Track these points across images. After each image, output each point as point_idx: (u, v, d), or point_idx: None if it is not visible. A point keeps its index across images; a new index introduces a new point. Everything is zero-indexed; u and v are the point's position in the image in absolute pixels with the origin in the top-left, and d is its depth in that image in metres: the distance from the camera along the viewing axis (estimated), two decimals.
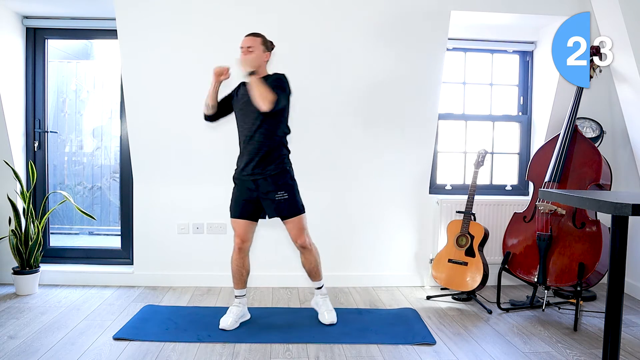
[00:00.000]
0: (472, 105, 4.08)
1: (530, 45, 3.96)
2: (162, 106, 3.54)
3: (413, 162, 3.75)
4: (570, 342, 2.74)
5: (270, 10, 3.41)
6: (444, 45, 3.54)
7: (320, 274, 2.98)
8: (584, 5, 3.43)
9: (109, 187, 5.09)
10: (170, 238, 3.70)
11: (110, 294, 3.48)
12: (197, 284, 3.70)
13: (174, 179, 3.66)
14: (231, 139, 3.60)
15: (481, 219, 3.71)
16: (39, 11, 3.64)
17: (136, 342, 2.63)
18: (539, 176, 3.36)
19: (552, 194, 1.99)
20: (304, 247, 2.88)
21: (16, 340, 2.62)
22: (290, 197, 2.80)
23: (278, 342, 2.66)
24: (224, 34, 3.43)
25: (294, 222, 2.83)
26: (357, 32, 3.48)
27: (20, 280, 3.42)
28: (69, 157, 5.06)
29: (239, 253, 2.88)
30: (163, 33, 3.42)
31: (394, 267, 3.82)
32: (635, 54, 3.20)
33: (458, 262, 3.40)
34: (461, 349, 2.62)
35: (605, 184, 3.20)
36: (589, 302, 3.46)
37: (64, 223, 5.10)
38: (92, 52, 5.27)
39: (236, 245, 2.88)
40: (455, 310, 3.26)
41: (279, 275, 3.72)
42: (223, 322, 2.83)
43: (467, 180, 4.02)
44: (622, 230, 1.70)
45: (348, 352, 2.56)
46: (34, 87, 3.78)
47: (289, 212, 2.81)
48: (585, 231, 3.08)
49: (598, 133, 3.64)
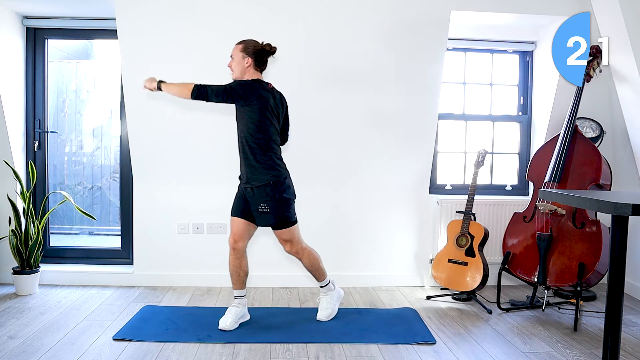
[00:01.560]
0: (472, 105, 4.08)
1: (530, 45, 3.96)
2: (162, 106, 3.54)
3: (413, 162, 3.75)
4: (570, 342, 2.74)
5: (270, 8, 3.41)
6: (444, 45, 3.54)
7: (322, 273, 3.00)
8: (584, 5, 3.43)
9: (109, 187, 5.08)
10: (170, 238, 3.70)
11: (110, 294, 3.48)
12: (197, 284, 3.70)
13: (174, 179, 3.66)
14: (231, 139, 3.60)
15: (481, 219, 3.71)
16: (39, 11, 3.64)
17: (136, 342, 2.63)
18: (539, 176, 3.36)
19: (552, 194, 1.99)
20: (296, 254, 2.92)
21: (16, 340, 2.62)
22: (272, 210, 2.76)
23: (278, 342, 2.66)
24: (224, 33, 3.43)
25: (278, 233, 2.86)
26: (357, 33, 3.48)
27: (20, 280, 3.42)
28: (69, 157, 5.06)
29: (233, 253, 2.87)
30: (163, 33, 3.42)
31: (394, 267, 3.82)
32: (635, 54, 3.20)
33: (458, 262, 3.40)
34: (461, 349, 2.62)
35: (605, 184, 3.20)
36: (589, 302, 3.46)
37: (64, 223, 5.10)
38: (92, 52, 5.27)
39: (230, 245, 2.88)
40: (455, 310, 3.26)
41: (279, 275, 3.72)
42: (222, 322, 2.83)
43: (467, 180, 4.02)
44: (622, 230, 1.70)
45: (348, 352, 2.56)
46: (34, 87, 3.78)
47: (272, 224, 2.82)
48: (585, 231, 3.08)
49: (598, 133, 3.64)
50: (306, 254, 2.94)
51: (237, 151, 2.89)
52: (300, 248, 2.91)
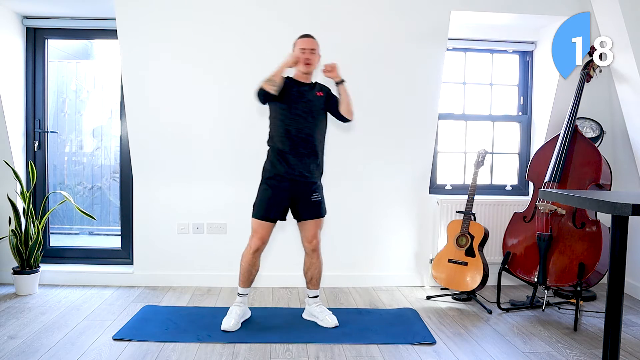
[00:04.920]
0: (472, 105, 4.08)
1: (530, 45, 3.96)
2: (162, 106, 3.54)
3: (413, 162, 3.75)
4: (570, 342, 2.74)
5: (270, 5, 3.41)
6: (444, 45, 3.54)
7: (320, 282, 3.02)
8: (584, 5, 3.43)
9: (109, 187, 5.08)
10: (170, 238, 3.70)
11: (110, 294, 3.48)
12: (197, 284, 3.70)
13: (174, 178, 3.66)
14: (231, 139, 3.61)
15: (481, 219, 3.71)
16: (39, 11, 3.64)
17: (136, 342, 2.63)
18: (539, 176, 3.36)
19: (552, 194, 1.99)
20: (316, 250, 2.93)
21: (16, 340, 2.62)
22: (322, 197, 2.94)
23: (278, 342, 2.66)
24: (225, 32, 3.44)
25: (319, 223, 2.91)
26: (357, 33, 3.48)
27: (20, 280, 3.42)
28: (69, 157, 5.06)
29: (256, 254, 2.86)
30: (163, 33, 3.42)
31: (394, 267, 3.82)
32: (635, 54, 3.20)
33: (458, 262, 3.40)
34: (461, 349, 2.62)
35: (605, 184, 3.20)
36: (589, 302, 3.46)
37: (64, 223, 5.10)
38: (92, 52, 5.26)
39: (255, 247, 2.83)
40: (455, 310, 3.26)
41: (279, 275, 3.71)
42: (225, 323, 2.82)
43: (467, 180, 4.02)
44: (622, 230, 1.70)
45: (348, 352, 2.56)
46: (34, 87, 3.78)
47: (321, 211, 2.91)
48: (585, 231, 3.08)
49: (598, 133, 3.63)
50: (320, 254, 2.96)
51: (237, 151, 2.88)
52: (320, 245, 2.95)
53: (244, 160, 3.59)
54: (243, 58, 3.48)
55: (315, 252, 2.92)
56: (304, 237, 2.92)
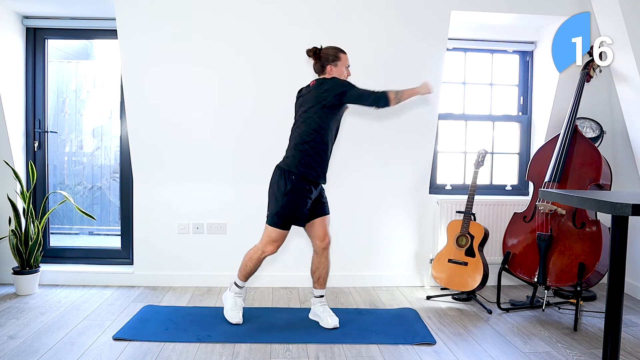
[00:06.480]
0: (472, 105, 4.08)
1: (530, 45, 3.96)
2: (162, 106, 3.54)
3: (413, 162, 3.75)
4: (570, 342, 2.74)
5: (270, 5, 3.41)
6: (444, 45, 3.54)
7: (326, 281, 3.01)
8: (584, 5, 3.43)
9: (109, 187, 5.08)
10: (170, 238, 3.70)
11: (110, 294, 3.48)
12: (197, 284, 3.70)
13: (174, 179, 3.66)
14: (231, 139, 3.61)
15: (481, 219, 3.71)
16: (39, 11, 3.64)
17: (136, 342, 2.63)
18: (539, 176, 3.36)
19: (552, 194, 1.99)
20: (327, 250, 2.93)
21: (16, 340, 2.62)
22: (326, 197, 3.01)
23: (278, 342, 2.66)
24: (225, 32, 3.44)
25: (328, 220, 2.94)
26: (357, 33, 3.48)
27: (20, 280, 3.42)
28: (69, 157, 5.06)
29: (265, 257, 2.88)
30: (163, 33, 3.42)
31: (394, 267, 3.82)
32: (635, 54, 3.20)
33: (458, 262, 3.40)
34: (461, 349, 2.62)
35: (605, 184, 3.20)
36: (589, 302, 3.46)
37: (64, 223, 5.10)
38: (92, 52, 5.26)
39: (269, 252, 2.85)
40: (455, 310, 3.26)
41: (279, 275, 3.71)
42: (235, 317, 2.87)
43: (467, 180, 4.02)
44: (622, 230, 1.70)
45: (348, 352, 2.56)
46: (34, 87, 3.78)
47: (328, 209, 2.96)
48: (585, 231, 3.08)
49: (598, 133, 3.63)
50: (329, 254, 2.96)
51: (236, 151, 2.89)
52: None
53: (244, 160, 3.59)
54: (243, 58, 3.48)
55: (326, 250, 2.92)
56: (316, 236, 2.90)
